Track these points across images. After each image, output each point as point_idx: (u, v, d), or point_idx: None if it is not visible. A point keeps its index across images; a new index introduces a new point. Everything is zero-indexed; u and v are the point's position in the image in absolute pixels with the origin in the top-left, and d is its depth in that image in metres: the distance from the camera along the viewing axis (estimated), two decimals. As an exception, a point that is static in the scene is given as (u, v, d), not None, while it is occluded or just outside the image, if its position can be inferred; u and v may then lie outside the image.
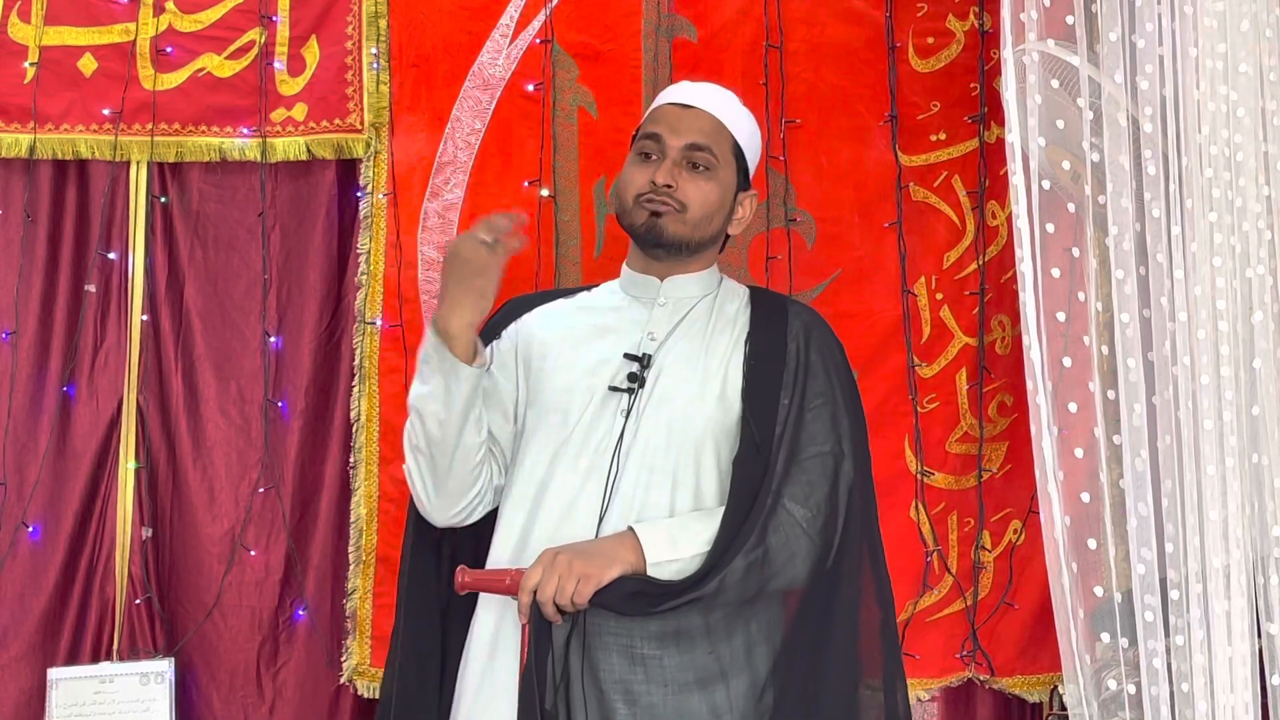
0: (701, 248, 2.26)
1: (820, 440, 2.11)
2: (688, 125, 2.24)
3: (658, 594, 1.97)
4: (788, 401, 2.11)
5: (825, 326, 2.26)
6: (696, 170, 2.22)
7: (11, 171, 3.19)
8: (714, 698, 2.01)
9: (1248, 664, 2.10)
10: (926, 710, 3.16)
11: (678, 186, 2.20)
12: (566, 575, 1.95)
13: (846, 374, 2.21)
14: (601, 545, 2.02)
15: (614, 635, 1.99)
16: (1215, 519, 2.09)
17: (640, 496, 2.08)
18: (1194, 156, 2.15)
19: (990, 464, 3.16)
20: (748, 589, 2.00)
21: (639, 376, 2.15)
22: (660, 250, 2.24)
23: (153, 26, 3.18)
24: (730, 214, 2.28)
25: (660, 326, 2.22)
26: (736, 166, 2.27)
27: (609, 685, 1.98)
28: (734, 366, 2.17)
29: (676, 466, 2.10)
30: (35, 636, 3.07)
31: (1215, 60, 2.15)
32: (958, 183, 3.21)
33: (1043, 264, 2.19)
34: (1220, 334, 2.12)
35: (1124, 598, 2.18)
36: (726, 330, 2.22)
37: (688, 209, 2.21)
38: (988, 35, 3.18)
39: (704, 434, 2.12)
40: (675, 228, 2.21)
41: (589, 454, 2.12)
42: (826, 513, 2.07)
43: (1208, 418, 2.11)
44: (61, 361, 3.15)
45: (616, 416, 2.14)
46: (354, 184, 3.20)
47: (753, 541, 2.00)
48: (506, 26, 3.20)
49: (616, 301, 2.32)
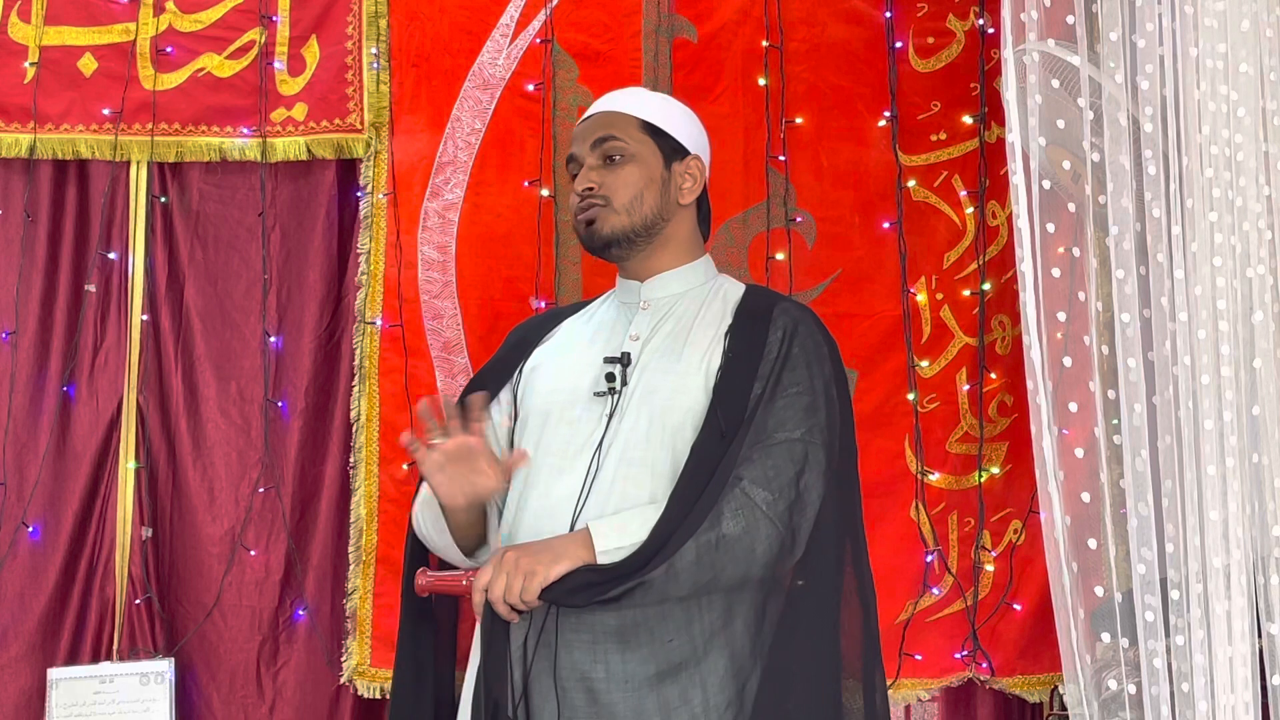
0: (653, 232, 2.23)
1: (790, 427, 2.05)
2: (588, 131, 2.27)
3: (604, 581, 1.94)
4: (760, 390, 2.07)
5: (815, 323, 2.21)
6: (612, 162, 2.22)
7: (11, 171, 3.20)
8: (675, 690, 1.98)
9: (1248, 664, 2.09)
10: (926, 710, 3.16)
11: (599, 184, 2.21)
12: (514, 573, 1.94)
13: (834, 370, 2.16)
14: (551, 542, 2.01)
15: (575, 632, 1.99)
16: (1215, 519, 2.09)
17: (619, 489, 2.06)
18: (1194, 156, 2.15)
19: (990, 464, 3.16)
20: (703, 573, 1.96)
21: (619, 376, 2.14)
22: (612, 252, 2.24)
23: (153, 26, 3.19)
24: (668, 186, 2.25)
25: (642, 327, 2.22)
26: (656, 142, 2.25)
27: (571, 683, 1.97)
28: (714, 357, 2.15)
29: (655, 457, 2.08)
30: (35, 636, 3.08)
31: (1215, 60, 2.15)
32: (958, 183, 3.21)
33: (1043, 264, 2.19)
34: (1220, 334, 2.12)
35: (1124, 598, 2.18)
36: (712, 324, 2.20)
37: (613, 199, 2.21)
38: (988, 35, 3.18)
39: (682, 423, 2.09)
40: (610, 222, 2.21)
41: (570, 454, 2.11)
42: (791, 498, 2.01)
43: (1208, 418, 2.11)
44: (61, 361, 3.15)
45: (601, 419, 2.13)
46: (354, 184, 3.20)
47: (707, 524, 1.96)
48: (506, 26, 3.20)
49: (608, 310, 2.32)
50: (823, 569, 2.07)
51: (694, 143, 2.31)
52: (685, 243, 2.29)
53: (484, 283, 3.15)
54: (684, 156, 2.28)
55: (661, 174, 2.24)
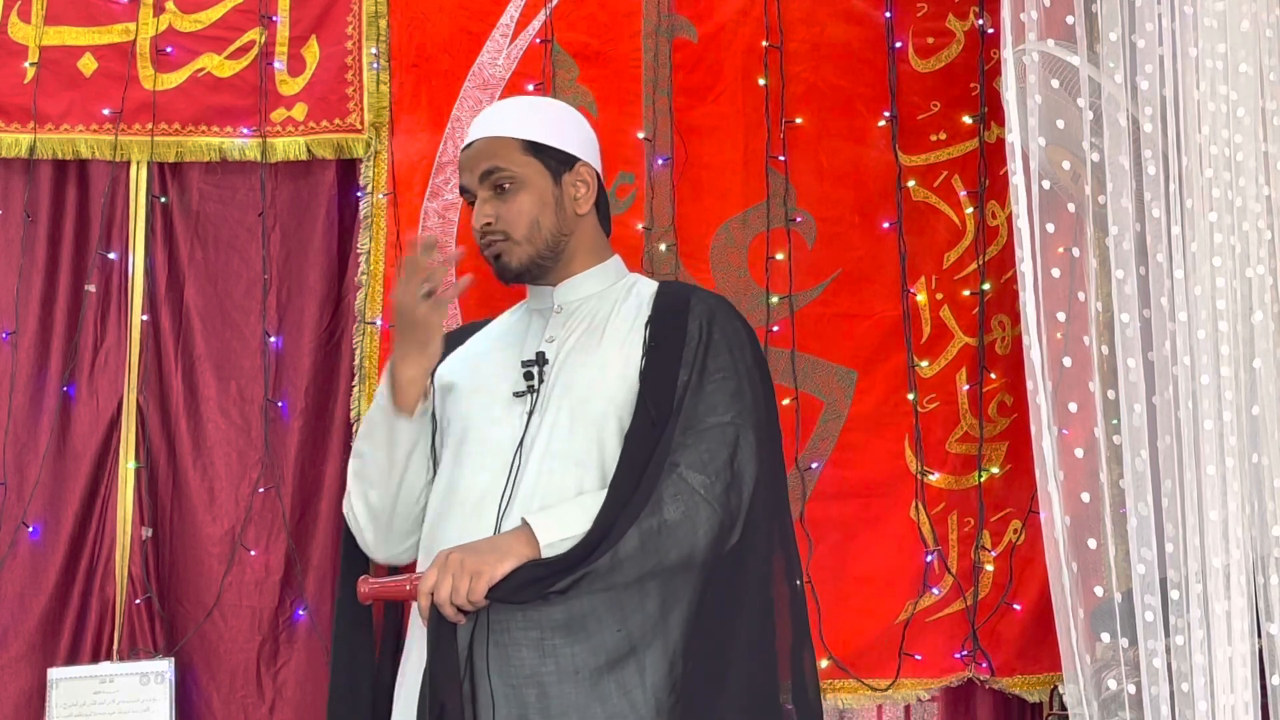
0: (559, 250, 2.25)
1: (720, 411, 2.08)
2: (473, 161, 2.26)
3: (549, 574, 1.96)
4: (686, 377, 2.10)
5: (732, 310, 2.24)
6: (503, 192, 2.23)
7: (11, 171, 3.19)
8: (623, 676, 1.99)
9: (1248, 664, 2.10)
10: (926, 710, 3.16)
11: (496, 218, 2.22)
12: (459, 574, 1.94)
13: (754, 353, 2.19)
14: (495, 540, 2.01)
15: (522, 629, 1.99)
16: (1215, 519, 2.09)
17: (545, 482, 2.07)
18: (1194, 156, 2.15)
19: (990, 464, 3.16)
20: (647, 560, 1.98)
21: (535, 375, 2.15)
22: (523, 279, 2.27)
23: (153, 26, 3.19)
24: (563, 203, 2.25)
25: (557, 330, 2.23)
26: (541, 161, 2.24)
27: (521, 680, 1.98)
28: (632, 346, 2.16)
29: (578, 449, 2.09)
30: (35, 636, 3.07)
31: (1215, 60, 2.15)
32: (958, 183, 3.21)
33: (1043, 264, 2.19)
34: (1220, 334, 2.12)
35: (1124, 598, 2.18)
36: (628, 318, 2.21)
37: (512, 233, 2.22)
38: (988, 35, 3.18)
39: (605, 413, 2.11)
40: (515, 255, 2.23)
41: (491, 455, 2.13)
42: (727, 480, 2.04)
43: (1208, 418, 2.11)
44: (61, 361, 3.15)
45: (521, 417, 2.14)
46: (354, 184, 3.20)
47: (648, 510, 1.98)
48: (506, 26, 3.20)
49: (520, 318, 2.34)
50: (756, 551, 2.09)
51: (580, 146, 2.30)
52: (591, 247, 2.30)
53: (484, 282, 3.15)
54: (573, 165, 2.27)
55: (554, 193, 2.25)
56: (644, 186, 3.16)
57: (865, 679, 3.08)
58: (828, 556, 3.10)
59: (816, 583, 3.05)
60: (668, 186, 3.16)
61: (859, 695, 3.09)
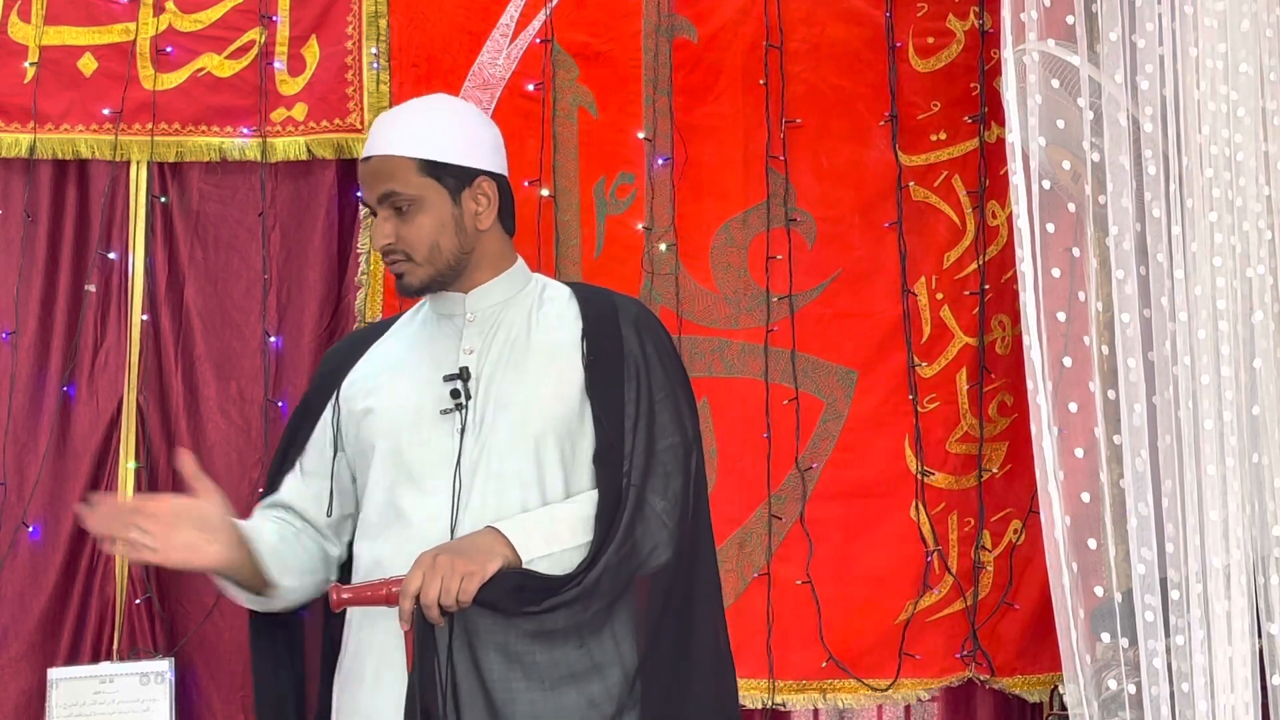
0: (462, 265, 2.21)
1: (670, 432, 2.11)
2: (371, 180, 2.20)
3: (538, 590, 1.97)
4: (634, 396, 2.11)
5: (652, 316, 2.26)
6: (402, 213, 2.18)
7: (11, 171, 3.19)
8: (590, 689, 2.01)
9: (1248, 664, 2.10)
10: (926, 710, 3.17)
11: (396, 238, 2.17)
12: (449, 574, 1.93)
13: (676, 361, 2.22)
14: (476, 541, 2.00)
15: (489, 634, 1.98)
16: (1215, 519, 2.09)
17: (492, 502, 2.07)
18: (1194, 156, 2.15)
19: (990, 464, 3.16)
20: (618, 584, 2.01)
21: (462, 392, 2.13)
22: (426, 293, 2.23)
23: (153, 26, 3.19)
24: (462, 222, 2.20)
25: (475, 341, 2.19)
26: (438, 181, 2.18)
27: (492, 683, 1.97)
28: (566, 362, 2.15)
29: (520, 468, 2.08)
30: (35, 636, 3.07)
31: (1215, 60, 2.15)
32: (958, 183, 3.21)
33: (1043, 264, 2.19)
34: (1220, 334, 2.12)
35: (1124, 598, 2.18)
36: (552, 328, 2.19)
37: (412, 254, 2.18)
38: (988, 35, 3.18)
39: (544, 432, 2.10)
40: (416, 275, 2.19)
41: (430, 474, 2.10)
42: (682, 504, 2.08)
43: (1208, 418, 2.11)
44: (61, 361, 3.15)
45: (453, 435, 2.12)
46: (354, 184, 3.20)
47: (620, 537, 2.01)
48: (506, 26, 3.20)
49: (425, 325, 2.28)
50: (703, 559, 2.13)
51: (480, 154, 2.24)
52: (496, 255, 2.25)
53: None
54: (472, 180, 2.20)
55: (452, 213, 2.19)
56: (644, 186, 3.16)
57: (865, 679, 3.08)
58: (828, 557, 3.10)
59: (816, 583, 3.06)
60: (668, 186, 3.17)
61: (859, 695, 3.09)
